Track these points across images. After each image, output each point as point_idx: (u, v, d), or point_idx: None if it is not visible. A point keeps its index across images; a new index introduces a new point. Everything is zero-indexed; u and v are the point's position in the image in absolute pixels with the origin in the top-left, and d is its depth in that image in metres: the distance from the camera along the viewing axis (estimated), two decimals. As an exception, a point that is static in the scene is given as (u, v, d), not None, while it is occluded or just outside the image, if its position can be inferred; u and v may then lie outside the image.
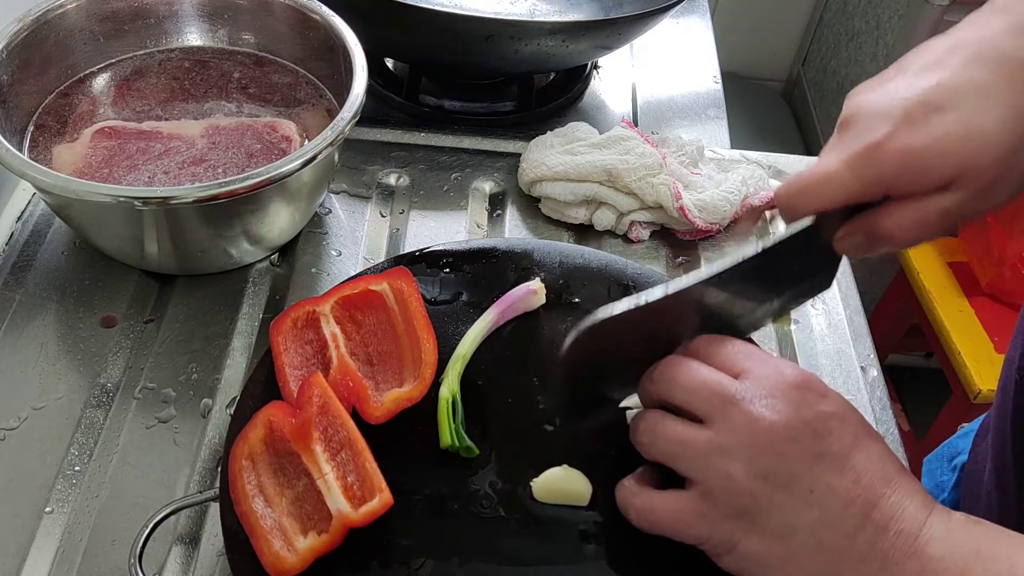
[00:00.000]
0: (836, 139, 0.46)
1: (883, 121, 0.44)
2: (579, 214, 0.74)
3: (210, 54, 0.76)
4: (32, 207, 0.72)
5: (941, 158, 0.43)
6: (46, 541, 0.53)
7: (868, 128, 0.44)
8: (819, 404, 0.44)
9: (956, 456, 0.73)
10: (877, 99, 0.45)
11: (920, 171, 0.43)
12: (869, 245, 0.47)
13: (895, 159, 0.43)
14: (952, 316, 1.44)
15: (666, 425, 0.46)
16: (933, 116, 0.43)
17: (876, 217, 0.45)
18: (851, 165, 0.44)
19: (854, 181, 0.44)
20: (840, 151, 0.45)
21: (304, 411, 0.50)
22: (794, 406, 0.44)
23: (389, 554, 0.49)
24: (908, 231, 0.45)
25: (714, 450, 0.44)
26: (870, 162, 0.44)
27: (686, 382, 0.46)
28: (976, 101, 0.43)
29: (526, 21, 0.83)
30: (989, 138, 0.42)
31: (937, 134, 0.42)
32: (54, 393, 0.60)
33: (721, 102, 0.94)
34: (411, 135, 0.81)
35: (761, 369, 0.46)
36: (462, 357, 0.57)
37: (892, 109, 0.44)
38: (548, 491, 0.52)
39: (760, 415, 0.44)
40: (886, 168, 0.43)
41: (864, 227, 0.46)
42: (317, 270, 0.69)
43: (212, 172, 0.65)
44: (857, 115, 0.45)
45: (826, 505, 0.42)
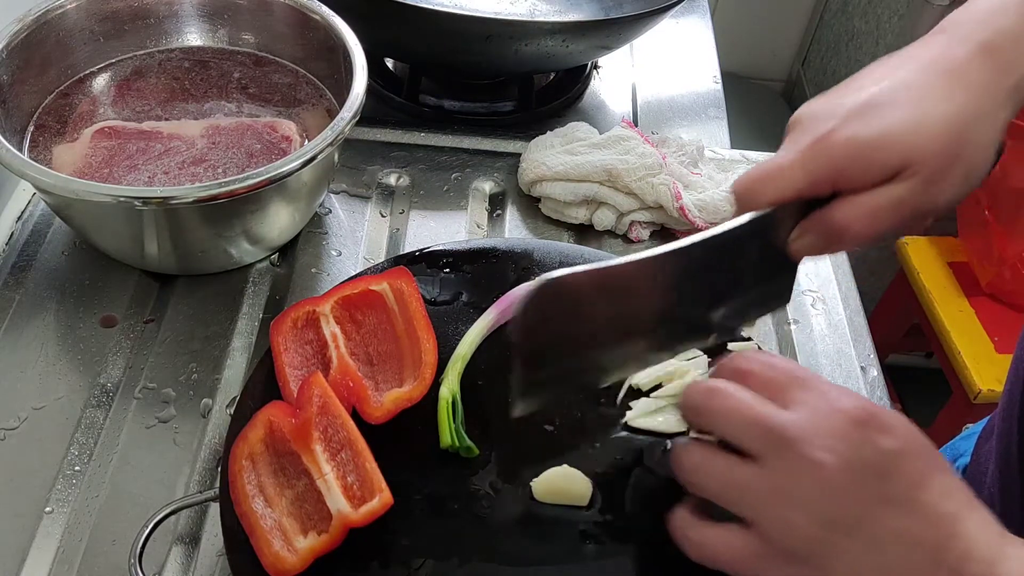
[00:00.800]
0: (785, 141, 0.48)
1: (829, 119, 0.46)
2: (579, 214, 0.74)
3: (210, 54, 0.76)
4: (32, 207, 0.72)
5: (887, 147, 0.45)
6: (46, 541, 0.53)
7: (815, 126, 0.46)
8: (881, 441, 0.41)
9: (959, 457, 0.73)
10: (823, 103, 0.48)
11: (866, 160, 0.45)
12: (824, 243, 0.48)
13: (842, 149, 0.45)
14: (952, 316, 1.44)
15: (716, 464, 0.44)
16: (877, 111, 0.45)
17: (828, 211, 0.47)
18: (800, 158, 0.46)
19: (803, 172, 0.46)
20: (789, 148, 0.47)
21: (304, 411, 0.50)
22: (855, 447, 0.41)
23: (389, 554, 0.49)
24: (861, 223, 0.46)
25: (771, 494, 0.42)
26: (818, 153, 0.45)
27: (733, 417, 0.43)
28: (919, 98, 0.46)
29: (526, 21, 0.83)
30: (932, 130, 0.45)
31: (880, 125, 0.45)
32: (54, 393, 0.60)
33: (721, 102, 0.94)
34: (411, 135, 0.81)
35: (815, 401, 0.43)
36: (462, 357, 0.57)
37: (837, 108, 0.46)
38: (548, 491, 0.51)
39: (820, 460, 0.41)
40: (834, 158, 0.45)
41: (817, 224, 0.47)
42: (317, 270, 0.69)
43: (212, 172, 0.65)
44: (805, 115, 0.47)
45: (894, 550, 0.40)
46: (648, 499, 0.52)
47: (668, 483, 0.53)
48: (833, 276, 0.74)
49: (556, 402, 0.53)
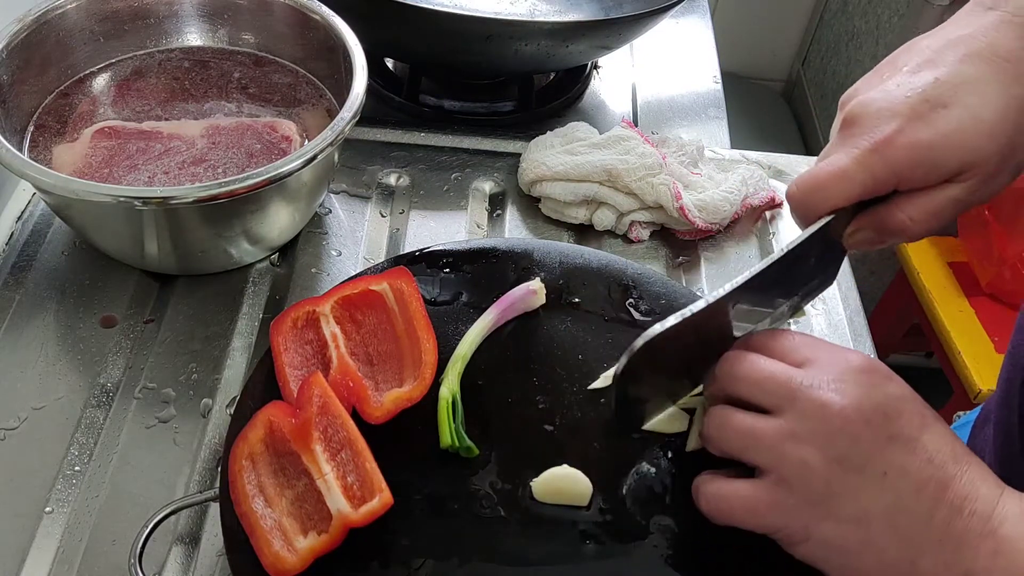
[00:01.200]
0: (841, 138, 0.47)
1: (889, 118, 0.45)
2: (579, 214, 0.74)
3: (210, 54, 0.76)
4: (32, 207, 0.72)
5: (949, 151, 0.45)
6: (46, 541, 0.53)
7: (874, 125, 0.46)
8: (887, 386, 0.45)
9: None
10: (879, 98, 0.46)
11: (930, 165, 0.45)
12: (880, 238, 0.49)
13: (905, 154, 0.45)
14: (952, 316, 1.44)
15: (734, 418, 0.46)
16: (937, 111, 0.45)
17: (888, 211, 0.47)
18: (862, 162, 0.45)
19: (867, 177, 0.46)
20: (849, 149, 0.46)
21: (304, 411, 0.50)
22: (863, 389, 0.44)
23: (389, 554, 0.49)
24: (920, 223, 0.47)
25: (786, 437, 0.44)
26: (881, 158, 0.45)
27: (750, 375, 0.46)
28: (975, 95, 0.45)
29: (526, 21, 0.83)
30: (991, 129, 0.45)
31: (943, 129, 0.45)
32: (54, 393, 0.60)
33: (721, 102, 0.94)
34: (411, 135, 0.81)
35: (825, 356, 0.46)
36: (462, 357, 0.57)
37: (896, 106, 0.45)
38: (548, 491, 0.52)
39: (830, 400, 0.44)
40: (897, 163, 0.45)
41: (875, 222, 0.48)
42: (317, 270, 0.69)
43: (212, 172, 0.65)
44: (861, 114, 0.46)
45: (900, 488, 0.42)
46: (648, 499, 0.52)
47: (667, 482, 0.53)
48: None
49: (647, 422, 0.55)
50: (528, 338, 0.60)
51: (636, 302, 0.63)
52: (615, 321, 0.61)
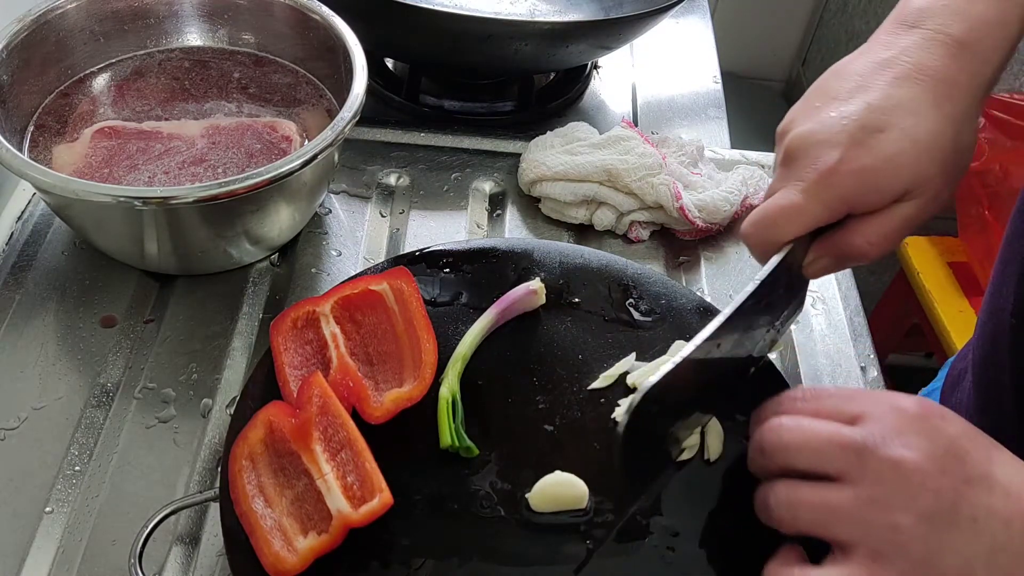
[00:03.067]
0: (784, 171, 0.48)
1: (830, 148, 0.46)
2: (579, 214, 0.74)
3: (210, 54, 0.76)
4: (32, 207, 0.72)
5: (892, 175, 0.45)
6: (46, 541, 0.53)
7: (816, 156, 0.46)
8: (947, 428, 0.42)
9: None
10: (817, 128, 0.47)
11: (876, 189, 0.46)
12: (839, 264, 0.49)
13: (851, 181, 0.45)
14: (952, 316, 1.43)
15: (803, 493, 0.43)
16: (875, 137, 0.45)
17: (844, 237, 0.48)
18: (811, 193, 0.46)
19: (818, 207, 0.46)
20: (796, 182, 0.47)
21: (304, 411, 0.50)
22: (928, 437, 0.42)
23: (389, 554, 0.49)
24: (877, 245, 0.47)
25: (868, 505, 0.41)
26: (828, 187, 0.46)
27: (807, 442, 0.44)
28: (909, 117, 0.46)
29: (526, 21, 0.83)
30: (930, 149, 0.46)
31: (884, 153, 0.45)
32: (54, 393, 0.60)
33: (721, 102, 0.94)
34: (411, 135, 0.81)
35: (873, 408, 0.43)
36: (462, 357, 0.57)
37: (835, 135, 0.46)
38: (544, 500, 0.51)
39: (903, 456, 0.41)
40: (845, 190, 0.46)
41: (831, 249, 0.48)
42: (317, 270, 0.69)
43: (212, 172, 0.65)
44: (801, 146, 0.47)
45: (993, 529, 0.41)
46: (648, 497, 0.52)
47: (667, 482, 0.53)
48: (833, 276, 0.74)
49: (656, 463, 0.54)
50: (528, 338, 0.60)
51: (636, 302, 0.63)
52: (615, 321, 0.61)
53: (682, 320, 0.62)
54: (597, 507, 0.52)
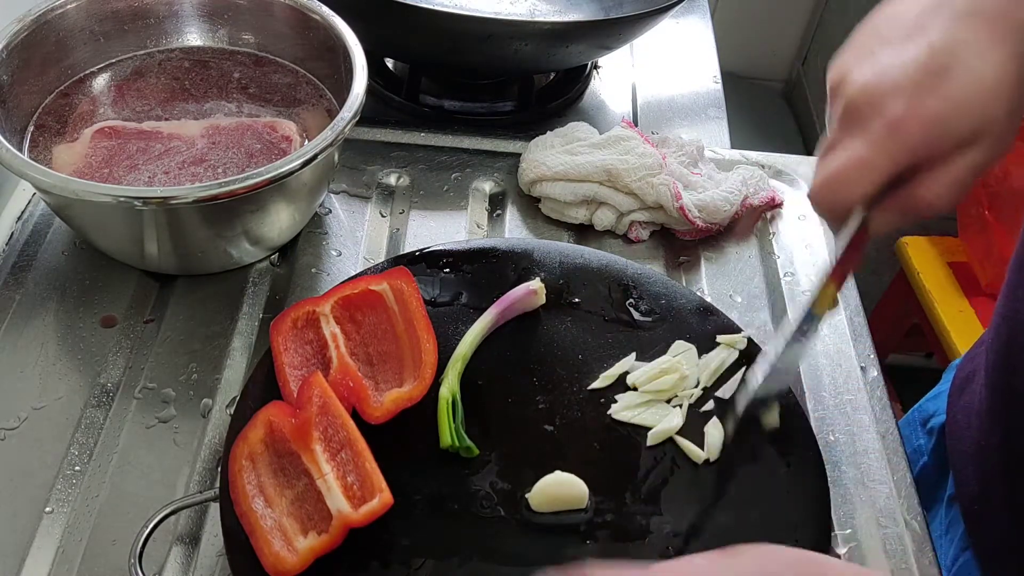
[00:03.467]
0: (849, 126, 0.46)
1: (894, 97, 0.44)
2: (579, 214, 0.74)
3: (210, 54, 0.76)
4: (32, 207, 0.72)
5: (960, 118, 0.44)
6: (46, 541, 0.53)
7: (882, 107, 0.45)
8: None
9: (930, 419, 0.73)
10: (878, 78, 0.45)
11: (944, 135, 0.44)
12: (906, 218, 0.48)
13: (919, 130, 0.44)
14: (952, 316, 1.43)
15: None
16: (941, 80, 0.44)
17: (912, 191, 0.46)
18: (880, 146, 0.45)
19: (888, 162, 0.45)
20: (864, 136, 0.45)
21: (304, 411, 0.50)
22: None
23: (389, 554, 0.49)
24: (946, 196, 0.46)
25: None
26: (897, 138, 0.44)
27: None
28: (974, 57, 0.44)
29: (526, 21, 0.83)
30: (997, 89, 0.44)
31: (951, 96, 0.44)
32: (54, 393, 0.60)
33: (721, 102, 0.94)
34: (411, 135, 0.81)
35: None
36: (462, 357, 0.57)
37: (899, 83, 0.45)
38: (544, 500, 0.51)
39: None
40: (914, 140, 0.44)
41: (900, 204, 0.47)
42: (317, 270, 0.69)
43: (212, 172, 0.65)
44: (865, 100, 0.46)
45: None
46: (648, 498, 0.52)
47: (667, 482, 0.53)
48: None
49: None
50: (528, 338, 0.60)
51: (636, 302, 0.63)
52: (615, 321, 0.61)
53: (682, 320, 0.62)
54: (597, 507, 0.52)
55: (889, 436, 0.62)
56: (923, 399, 0.76)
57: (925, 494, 0.72)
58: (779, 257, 0.74)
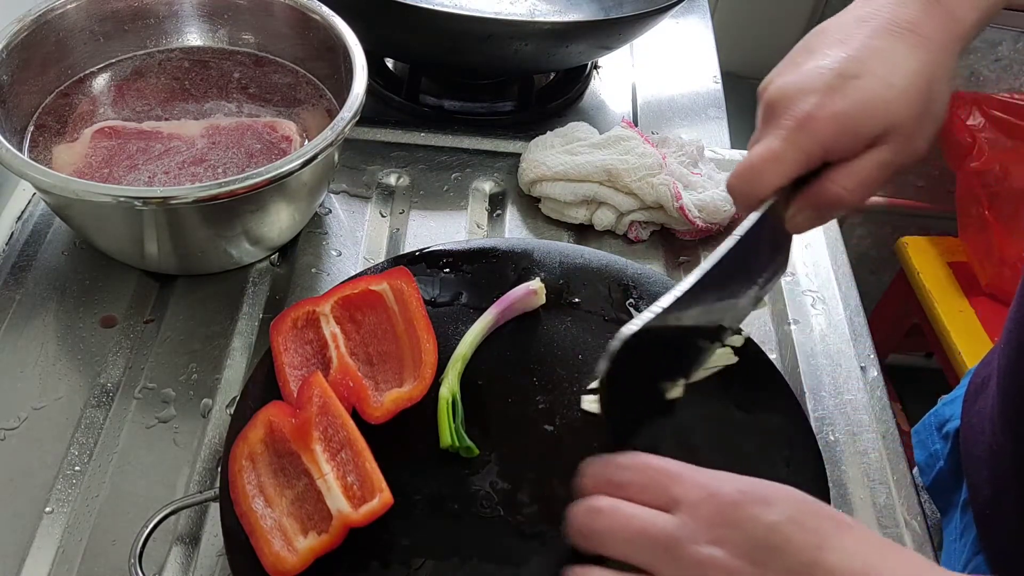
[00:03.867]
0: (765, 123, 0.50)
1: (807, 95, 0.48)
2: (579, 214, 0.74)
3: (210, 54, 0.76)
4: (32, 207, 0.72)
5: (868, 118, 0.47)
6: (46, 541, 0.53)
7: (795, 104, 0.48)
8: (766, 515, 0.40)
9: (946, 424, 0.73)
10: (796, 80, 0.49)
11: (852, 132, 0.47)
12: (821, 215, 0.51)
13: (828, 125, 0.47)
14: (952, 316, 1.43)
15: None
16: (850, 83, 0.47)
17: (821, 185, 0.49)
18: (790, 140, 0.48)
19: (797, 154, 0.48)
20: (777, 130, 0.48)
21: (304, 411, 0.50)
22: (740, 528, 0.40)
23: (389, 554, 0.49)
24: (854, 191, 0.48)
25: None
26: (806, 133, 0.47)
27: (619, 532, 0.42)
28: (884, 64, 0.48)
29: (526, 21, 0.83)
30: (904, 93, 0.47)
31: (859, 97, 0.47)
32: (54, 393, 0.60)
33: (721, 102, 0.94)
34: (411, 135, 0.81)
35: (693, 494, 0.41)
36: (462, 357, 0.57)
37: (813, 83, 0.48)
38: None
39: (710, 555, 0.39)
40: (823, 135, 0.47)
41: (813, 199, 0.50)
42: (317, 270, 0.69)
43: (212, 172, 0.65)
44: (781, 97, 0.49)
45: None
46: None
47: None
48: (833, 276, 0.74)
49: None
50: (528, 338, 0.60)
51: (636, 302, 0.63)
52: (615, 321, 0.61)
53: (682, 320, 0.62)
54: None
55: (889, 436, 0.62)
56: (939, 403, 0.76)
57: (941, 499, 0.73)
58: (779, 257, 0.74)
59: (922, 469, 0.75)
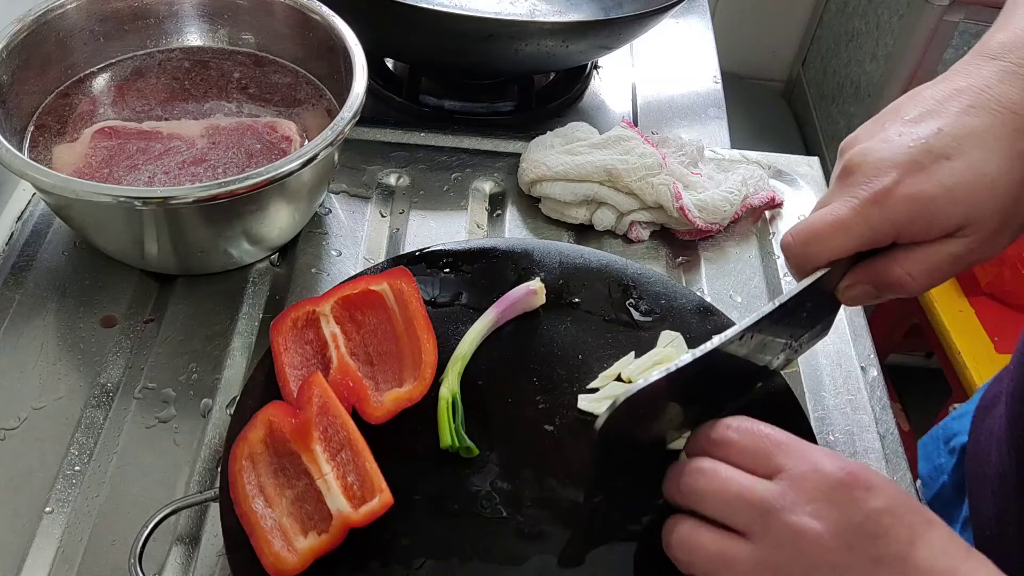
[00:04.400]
0: (839, 186, 0.46)
1: (889, 168, 0.44)
2: (579, 214, 0.74)
3: (210, 54, 0.76)
4: (32, 207, 0.72)
5: (950, 206, 0.43)
6: (46, 541, 0.53)
7: (874, 175, 0.44)
8: (868, 501, 0.40)
9: (953, 438, 0.72)
10: (880, 147, 0.45)
11: (930, 218, 0.43)
12: (875, 292, 0.47)
13: (905, 207, 0.43)
14: (952, 316, 1.44)
15: (703, 539, 0.43)
16: (939, 163, 0.43)
17: (886, 265, 0.45)
18: (861, 213, 0.44)
19: (865, 229, 0.44)
20: (847, 199, 0.44)
21: (304, 411, 0.50)
22: (841, 509, 0.40)
23: (389, 554, 0.49)
24: (919, 279, 0.45)
25: (762, 568, 0.41)
26: (880, 209, 0.44)
27: (717, 494, 0.43)
28: (979, 148, 0.43)
29: (526, 21, 0.83)
30: (994, 185, 0.43)
31: (945, 181, 0.43)
32: (54, 393, 0.60)
33: (721, 102, 0.94)
34: (411, 135, 0.81)
35: (798, 466, 0.42)
36: (462, 357, 0.57)
37: (897, 156, 0.44)
38: None
39: (806, 526, 0.40)
40: (896, 216, 0.43)
41: (872, 275, 0.46)
42: (317, 270, 0.69)
43: (212, 172, 0.65)
44: (861, 163, 0.45)
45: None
46: (649, 497, 0.52)
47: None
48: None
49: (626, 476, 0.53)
50: (528, 338, 0.60)
51: (636, 302, 0.63)
52: (615, 321, 0.61)
53: (682, 320, 0.62)
54: (598, 507, 0.52)
55: (889, 436, 0.62)
56: (949, 417, 0.76)
57: (941, 514, 0.72)
58: (779, 257, 0.74)
59: (925, 482, 0.74)
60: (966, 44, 1.66)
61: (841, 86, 1.98)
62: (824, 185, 0.82)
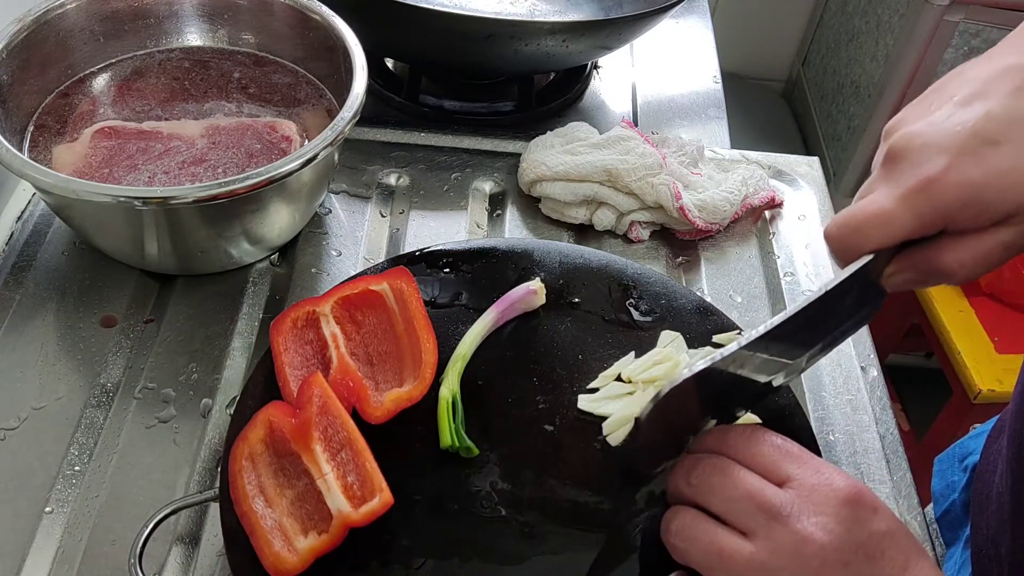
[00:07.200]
0: (884, 172, 0.44)
1: (936, 153, 0.42)
2: (579, 214, 0.74)
3: (210, 54, 0.76)
4: (32, 207, 0.72)
5: (1001, 193, 0.41)
6: (46, 541, 0.53)
7: (920, 161, 0.42)
8: (872, 522, 0.41)
9: (967, 456, 0.72)
10: (926, 131, 0.43)
11: (980, 206, 0.41)
12: (922, 280, 0.45)
13: (954, 194, 0.41)
14: (952, 316, 1.44)
15: (703, 530, 0.43)
16: (988, 148, 0.41)
17: (934, 252, 0.44)
18: (907, 201, 0.42)
19: (912, 218, 0.42)
20: (893, 186, 0.43)
21: (304, 411, 0.50)
22: (845, 525, 0.41)
23: (389, 554, 0.49)
24: (968, 267, 0.43)
25: (756, 568, 0.41)
26: (927, 198, 0.42)
27: (727, 490, 0.43)
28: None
29: (526, 21, 0.83)
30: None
31: (995, 168, 0.41)
32: (54, 393, 0.60)
33: (721, 102, 0.94)
34: (411, 135, 0.81)
35: (809, 478, 0.43)
36: (462, 357, 0.57)
37: (944, 141, 0.42)
38: None
39: (809, 535, 0.41)
40: (944, 204, 0.42)
41: (918, 263, 0.45)
42: (317, 270, 0.69)
43: (212, 172, 0.65)
44: (907, 148, 0.43)
45: None
46: (650, 498, 0.52)
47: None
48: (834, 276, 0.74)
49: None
50: (528, 338, 0.60)
51: (636, 302, 0.63)
52: (615, 321, 0.61)
53: (682, 320, 0.62)
54: (599, 507, 0.52)
55: (889, 436, 0.62)
56: (967, 436, 0.76)
57: (949, 532, 0.71)
58: (779, 257, 0.74)
59: (936, 499, 0.74)
60: (966, 44, 1.66)
61: (841, 86, 1.98)
62: (824, 185, 0.82)
